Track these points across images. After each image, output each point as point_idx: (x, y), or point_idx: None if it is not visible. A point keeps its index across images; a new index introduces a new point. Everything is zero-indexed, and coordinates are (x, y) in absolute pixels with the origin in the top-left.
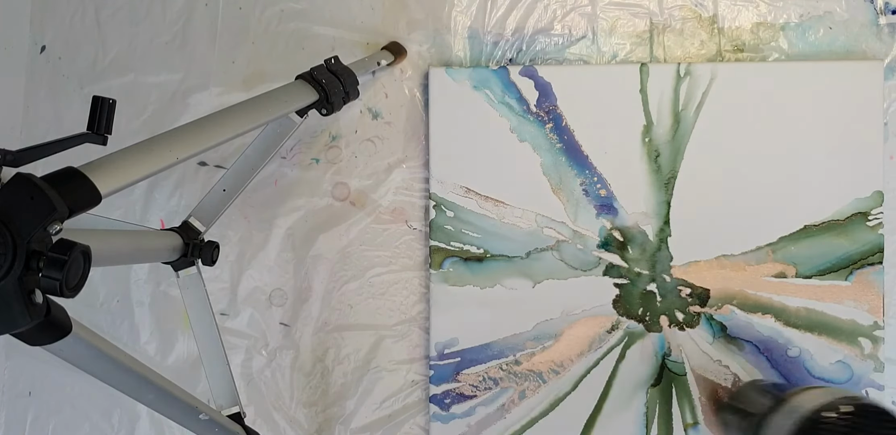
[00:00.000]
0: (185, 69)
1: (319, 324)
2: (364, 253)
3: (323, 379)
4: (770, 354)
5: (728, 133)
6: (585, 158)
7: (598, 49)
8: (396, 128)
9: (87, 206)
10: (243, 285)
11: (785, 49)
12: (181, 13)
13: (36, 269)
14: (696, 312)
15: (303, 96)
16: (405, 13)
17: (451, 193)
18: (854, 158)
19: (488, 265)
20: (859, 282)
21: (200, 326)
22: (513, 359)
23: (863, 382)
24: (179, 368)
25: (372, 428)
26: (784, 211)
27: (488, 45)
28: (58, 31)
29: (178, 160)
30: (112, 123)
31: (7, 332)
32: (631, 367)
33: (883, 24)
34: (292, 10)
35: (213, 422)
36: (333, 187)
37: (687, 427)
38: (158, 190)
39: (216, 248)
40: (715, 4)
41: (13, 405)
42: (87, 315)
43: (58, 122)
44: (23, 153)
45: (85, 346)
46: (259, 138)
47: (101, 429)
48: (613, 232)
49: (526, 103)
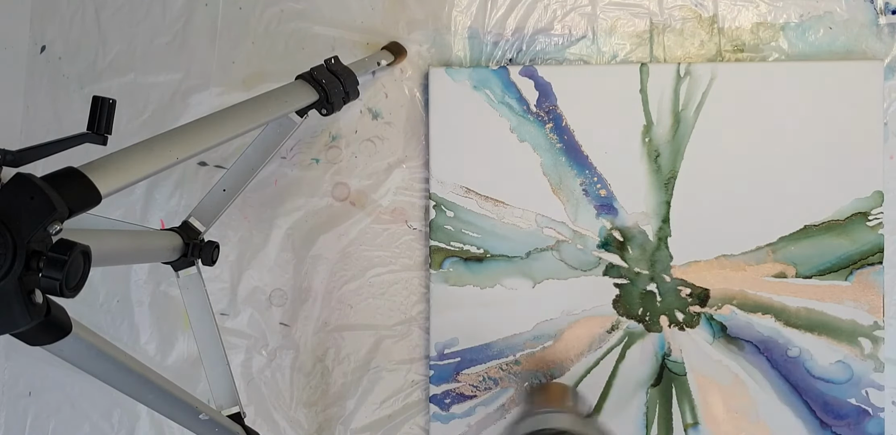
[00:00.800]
0: (185, 69)
1: (319, 324)
2: (364, 253)
3: (323, 379)
4: (770, 354)
5: (728, 133)
6: (585, 158)
7: (598, 49)
8: (396, 128)
9: (87, 206)
10: (243, 285)
11: (785, 49)
12: (181, 13)
13: (36, 269)
14: (696, 312)
15: (303, 96)
16: (405, 13)
17: (451, 193)
18: (854, 158)
19: (488, 265)
20: (859, 282)
21: (200, 326)
22: (513, 359)
23: (863, 382)
24: (179, 368)
25: (372, 428)
26: (784, 211)
27: (488, 45)
28: (58, 31)
29: (178, 160)
30: (112, 123)
31: (7, 332)
32: (631, 367)
33: (883, 24)
34: (292, 10)
35: (213, 422)
36: (333, 187)
37: (687, 427)
38: (158, 190)
39: (216, 248)
40: (715, 4)
41: (13, 405)
42: (87, 315)
43: (58, 122)
44: (23, 153)
45: (85, 346)
46: (259, 138)
47: (101, 429)
48: (613, 232)
49: (526, 103)
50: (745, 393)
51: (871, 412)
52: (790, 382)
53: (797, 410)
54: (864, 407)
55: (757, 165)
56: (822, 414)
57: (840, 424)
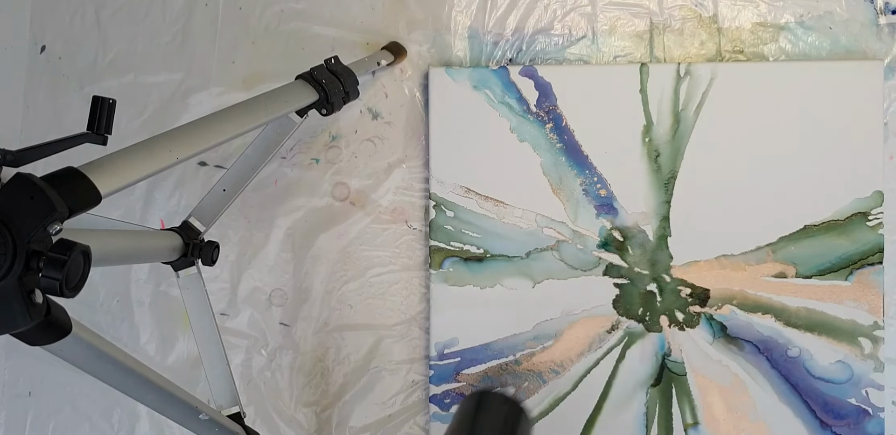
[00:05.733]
0: (185, 69)
1: (319, 324)
2: (364, 253)
3: (323, 379)
4: (770, 354)
5: (728, 133)
6: (585, 158)
7: (598, 49)
8: (396, 128)
9: (87, 206)
10: (243, 285)
11: (785, 49)
12: (181, 13)
13: (36, 269)
14: (696, 312)
15: (303, 96)
16: (405, 13)
17: (451, 193)
18: (854, 158)
19: (488, 265)
20: (859, 282)
21: (200, 326)
22: (513, 359)
23: (863, 381)
24: (179, 368)
25: (372, 428)
26: (784, 211)
27: (488, 45)
28: (58, 31)
29: (178, 160)
30: (112, 123)
31: (7, 332)
32: (631, 367)
33: (883, 24)
34: (292, 10)
35: (213, 422)
36: (333, 187)
37: (687, 427)
38: (158, 190)
39: (216, 248)
40: (715, 4)
41: (13, 405)
42: (87, 315)
43: (58, 122)
44: (23, 153)
45: (85, 346)
46: (259, 138)
47: (101, 429)
48: (613, 232)
49: (526, 103)
50: (745, 393)
51: (871, 412)
52: (790, 382)
53: (797, 410)
54: (864, 407)
55: (757, 165)
56: (822, 414)
57: (840, 424)
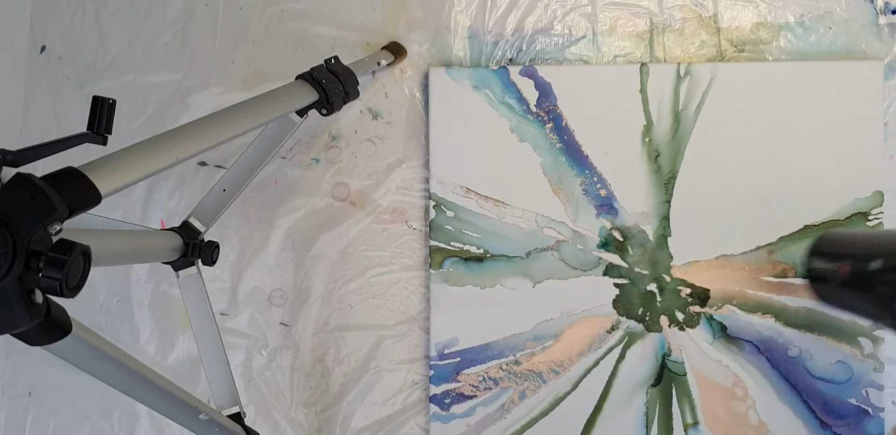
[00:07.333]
0: (185, 69)
1: (319, 324)
2: (364, 253)
3: (323, 379)
4: (770, 354)
5: (728, 133)
6: (585, 158)
7: (598, 49)
8: (396, 128)
9: (87, 206)
10: (243, 285)
11: (785, 49)
12: (181, 13)
13: (36, 269)
14: (696, 312)
15: (303, 96)
16: (405, 13)
17: (451, 193)
18: (854, 158)
19: (488, 265)
20: None
21: (200, 326)
22: (513, 359)
23: (863, 381)
24: (179, 368)
25: (372, 428)
26: (784, 211)
27: (488, 44)
28: (58, 31)
29: (178, 160)
30: (112, 123)
31: (7, 332)
32: (631, 367)
33: (883, 24)
34: (292, 10)
35: (213, 422)
36: (333, 187)
37: (687, 427)
38: (158, 190)
39: (216, 248)
40: (715, 4)
41: (13, 405)
42: (87, 315)
43: (58, 122)
44: (23, 153)
45: (85, 346)
46: (259, 138)
47: (101, 429)
48: (613, 232)
49: (526, 103)
50: (745, 393)
51: (870, 412)
52: (790, 382)
53: (797, 410)
54: (864, 407)
55: (757, 165)
56: (822, 414)
57: (840, 424)
